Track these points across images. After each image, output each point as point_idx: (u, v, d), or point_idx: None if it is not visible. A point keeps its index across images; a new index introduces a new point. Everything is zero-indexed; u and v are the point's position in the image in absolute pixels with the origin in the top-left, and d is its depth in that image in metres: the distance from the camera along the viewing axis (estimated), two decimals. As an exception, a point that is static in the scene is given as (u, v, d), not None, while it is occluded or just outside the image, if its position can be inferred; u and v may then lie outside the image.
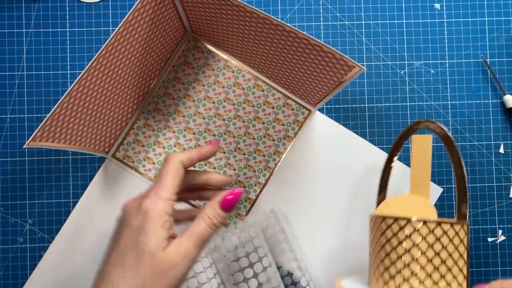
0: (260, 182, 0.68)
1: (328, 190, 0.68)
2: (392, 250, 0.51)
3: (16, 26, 0.68)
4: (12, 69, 0.68)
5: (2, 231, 0.67)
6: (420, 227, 0.50)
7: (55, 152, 0.68)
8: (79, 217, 0.67)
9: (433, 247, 0.50)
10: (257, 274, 0.60)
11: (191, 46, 0.69)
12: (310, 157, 0.69)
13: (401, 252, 0.51)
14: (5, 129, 0.68)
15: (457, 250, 0.51)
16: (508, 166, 0.70)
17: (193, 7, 0.59)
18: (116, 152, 0.68)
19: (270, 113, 0.69)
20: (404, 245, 0.51)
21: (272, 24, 0.52)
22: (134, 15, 0.53)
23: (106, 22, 0.69)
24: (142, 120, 0.69)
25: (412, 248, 0.50)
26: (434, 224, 0.50)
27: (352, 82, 0.70)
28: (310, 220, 0.68)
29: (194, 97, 0.69)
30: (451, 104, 0.70)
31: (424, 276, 0.50)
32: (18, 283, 0.67)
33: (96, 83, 0.55)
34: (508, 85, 0.70)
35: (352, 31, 0.70)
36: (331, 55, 0.52)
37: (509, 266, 0.69)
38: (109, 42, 0.52)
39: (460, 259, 0.51)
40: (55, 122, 0.53)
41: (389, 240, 0.52)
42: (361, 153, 0.69)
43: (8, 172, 0.67)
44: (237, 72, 0.69)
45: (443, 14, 0.70)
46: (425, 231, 0.50)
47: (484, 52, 0.70)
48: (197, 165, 0.68)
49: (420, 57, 0.70)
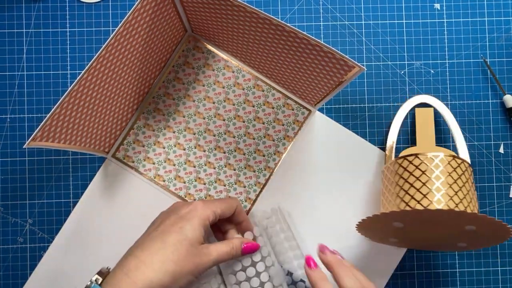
0: (260, 182, 0.68)
1: (328, 190, 0.68)
2: (416, 181, 0.57)
3: (16, 26, 0.68)
4: (12, 69, 0.68)
5: (2, 231, 0.67)
6: (440, 159, 0.58)
7: (55, 152, 0.68)
8: (79, 217, 0.67)
9: (451, 175, 0.57)
10: (259, 273, 0.60)
11: (191, 46, 0.69)
12: (310, 157, 0.69)
13: (425, 180, 0.57)
14: (5, 129, 0.68)
15: (469, 181, 0.58)
16: (508, 166, 0.70)
17: (193, 7, 0.59)
18: (116, 152, 0.68)
19: (270, 113, 0.69)
20: (426, 174, 0.57)
21: (272, 24, 0.52)
22: (134, 15, 0.53)
23: (106, 22, 0.69)
24: (142, 120, 0.69)
25: (434, 176, 0.57)
26: (450, 158, 0.58)
27: (352, 82, 0.70)
28: (310, 219, 0.68)
29: (194, 97, 0.69)
30: (451, 104, 0.70)
31: (448, 197, 0.56)
32: (18, 283, 0.67)
33: (96, 83, 0.55)
34: (508, 85, 0.70)
35: (352, 31, 0.70)
36: (331, 55, 0.52)
37: (509, 266, 0.69)
38: (109, 42, 0.52)
39: (472, 188, 0.58)
40: (55, 122, 0.53)
41: (412, 173, 0.58)
42: (361, 153, 0.69)
43: (8, 172, 0.67)
44: (237, 72, 0.69)
45: (443, 14, 0.70)
46: (444, 162, 0.57)
47: (484, 52, 0.70)
48: (196, 164, 0.68)
49: (420, 57, 0.70)
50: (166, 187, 0.68)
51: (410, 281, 0.68)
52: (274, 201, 0.68)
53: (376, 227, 0.60)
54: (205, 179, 0.68)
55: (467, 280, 0.69)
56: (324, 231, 0.68)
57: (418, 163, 0.58)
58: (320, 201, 0.68)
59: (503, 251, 0.69)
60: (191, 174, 0.68)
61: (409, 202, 0.56)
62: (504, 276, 0.69)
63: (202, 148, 0.68)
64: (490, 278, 0.69)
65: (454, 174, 0.57)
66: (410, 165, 0.59)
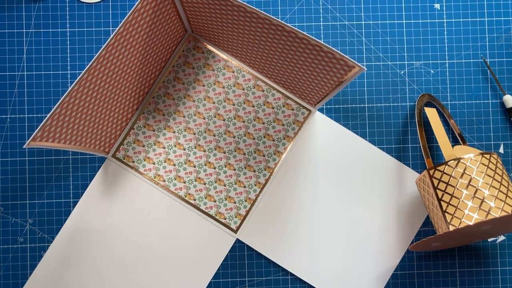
0: (260, 182, 0.68)
1: (328, 189, 0.68)
2: (455, 190, 0.58)
3: (16, 26, 0.68)
4: (12, 69, 0.68)
5: (2, 231, 0.67)
6: (469, 161, 0.59)
7: (55, 152, 0.68)
8: (79, 217, 0.67)
9: (487, 172, 0.58)
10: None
11: (191, 46, 0.69)
12: (310, 157, 0.69)
13: (464, 187, 0.58)
14: (5, 129, 0.68)
15: (504, 173, 0.60)
16: (508, 166, 0.70)
17: (193, 7, 0.59)
18: (116, 152, 0.68)
19: (270, 113, 0.69)
20: (463, 178, 0.58)
21: (272, 24, 0.52)
22: (134, 15, 0.53)
23: (106, 22, 0.69)
24: (142, 120, 0.69)
25: (472, 180, 0.58)
26: (480, 156, 0.59)
27: (352, 82, 0.70)
28: (311, 219, 0.68)
29: (194, 97, 0.69)
30: (451, 104, 0.70)
31: (493, 197, 0.57)
32: (18, 283, 0.67)
33: (96, 83, 0.55)
34: (508, 85, 0.70)
35: (352, 31, 0.70)
36: (331, 55, 0.52)
37: (509, 266, 0.69)
38: (109, 42, 0.52)
39: (505, 175, 0.60)
40: (55, 122, 0.53)
41: (448, 183, 0.59)
42: (361, 153, 0.69)
43: (8, 172, 0.67)
44: (237, 72, 0.69)
45: (443, 14, 0.70)
46: (475, 163, 0.59)
47: (484, 52, 0.70)
48: (196, 164, 0.68)
49: (420, 57, 0.70)
50: (166, 187, 0.68)
51: (410, 281, 0.68)
52: (274, 201, 0.68)
53: (428, 241, 0.60)
54: (205, 179, 0.68)
55: (467, 280, 0.69)
56: (323, 230, 0.68)
57: (450, 171, 0.59)
58: (320, 200, 0.68)
59: (503, 251, 0.69)
60: (191, 174, 0.68)
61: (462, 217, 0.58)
62: (504, 276, 0.69)
63: (202, 148, 0.68)
64: (490, 278, 0.69)
65: (489, 171, 0.58)
66: (445, 175, 0.60)
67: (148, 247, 0.67)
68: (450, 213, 0.58)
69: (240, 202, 0.68)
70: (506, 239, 0.69)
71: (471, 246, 0.69)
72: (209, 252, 0.67)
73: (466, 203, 0.57)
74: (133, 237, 0.68)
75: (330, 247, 0.68)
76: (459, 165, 0.59)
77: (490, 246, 0.69)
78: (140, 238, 0.67)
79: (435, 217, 0.61)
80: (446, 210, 0.59)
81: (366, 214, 0.68)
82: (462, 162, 0.59)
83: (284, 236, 0.68)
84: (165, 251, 0.67)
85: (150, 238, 0.67)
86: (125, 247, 0.68)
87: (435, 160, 0.69)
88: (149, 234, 0.67)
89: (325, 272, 0.67)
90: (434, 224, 0.62)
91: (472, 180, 0.58)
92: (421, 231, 0.68)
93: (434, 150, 0.69)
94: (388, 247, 0.68)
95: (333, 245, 0.68)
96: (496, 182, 0.58)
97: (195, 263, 0.67)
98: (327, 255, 0.68)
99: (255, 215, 0.68)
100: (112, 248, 0.67)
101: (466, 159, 0.59)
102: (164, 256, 0.67)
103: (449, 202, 0.58)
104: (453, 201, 0.58)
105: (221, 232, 0.68)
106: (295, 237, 0.68)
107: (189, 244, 0.67)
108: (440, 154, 0.69)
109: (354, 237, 0.68)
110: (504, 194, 0.58)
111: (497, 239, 0.69)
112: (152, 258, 0.67)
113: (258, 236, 0.68)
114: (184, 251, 0.67)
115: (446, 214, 0.58)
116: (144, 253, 0.67)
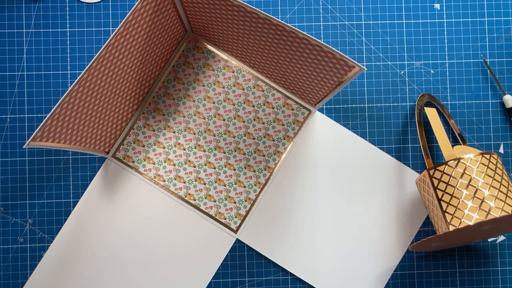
0: (260, 182, 0.68)
1: (328, 189, 0.68)
2: (455, 190, 0.58)
3: (16, 26, 0.68)
4: (12, 69, 0.68)
5: (2, 231, 0.67)
6: (469, 161, 0.59)
7: (55, 152, 0.68)
8: (79, 217, 0.67)
9: (487, 172, 0.58)
10: None
11: (191, 46, 0.69)
12: (310, 157, 0.69)
13: (464, 187, 0.58)
14: (5, 129, 0.68)
15: (504, 173, 0.60)
16: (508, 166, 0.70)
17: (193, 7, 0.59)
18: (116, 152, 0.68)
19: (270, 113, 0.69)
20: (463, 178, 0.58)
21: (272, 24, 0.52)
22: (134, 15, 0.53)
23: (106, 22, 0.69)
24: (142, 120, 0.69)
25: (472, 180, 0.58)
26: (480, 156, 0.59)
27: (352, 82, 0.70)
28: (311, 219, 0.68)
29: (194, 97, 0.69)
30: (451, 104, 0.70)
31: (493, 198, 0.57)
32: (18, 283, 0.67)
33: (96, 83, 0.55)
34: (508, 85, 0.70)
35: (352, 31, 0.70)
36: (331, 55, 0.52)
37: (509, 266, 0.69)
38: (109, 42, 0.52)
39: (505, 175, 0.60)
40: (55, 122, 0.53)
41: (448, 183, 0.59)
42: (361, 153, 0.69)
43: (8, 172, 0.67)
44: (237, 72, 0.69)
45: (443, 14, 0.70)
46: (475, 163, 0.59)
47: (484, 52, 0.70)
48: (196, 164, 0.68)
49: (420, 57, 0.70)
50: (166, 187, 0.68)
51: (410, 281, 0.68)
52: (274, 201, 0.68)
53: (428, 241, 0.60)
54: (205, 179, 0.68)
55: (467, 280, 0.69)
56: (323, 230, 0.68)
57: (450, 171, 0.59)
58: (320, 200, 0.68)
59: (503, 251, 0.69)
60: (191, 174, 0.68)
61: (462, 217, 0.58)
62: (504, 276, 0.69)
63: (202, 148, 0.68)
64: (490, 278, 0.69)
65: (489, 171, 0.58)
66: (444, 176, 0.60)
67: (148, 247, 0.67)
68: (450, 213, 0.58)
69: (240, 202, 0.68)
70: (506, 239, 0.69)
71: (471, 246, 0.69)
72: (209, 252, 0.67)
73: (466, 203, 0.57)
74: (133, 237, 0.68)
75: (330, 247, 0.68)
76: (459, 165, 0.59)
77: (490, 246, 0.69)
78: (140, 238, 0.67)
79: (435, 217, 0.61)
80: (446, 210, 0.59)
81: (366, 214, 0.68)
82: (462, 162, 0.59)
83: (284, 236, 0.68)
84: (165, 251, 0.67)
85: (150, 238, 0.67)
86: (125, 247, 0.68)
87: (435, 160, 0.69)
88: (149, 234, 0.67)
89: (325, 272, 0.67)
90: (434, 224, 0.62)
91: (472, 180, 0.58)
92: (421, 231, 0.68)
93: (434, 150, 0.69)
94: (388, 247, 0.68)
95: (333, 245, 0.68)
96: (496, 182, 0.58)
97: (195, 263, 0.67)
98: (327, 255, 0.68)
99: (255, 215, 0.68)
100: (112, 248, 0.67)
101: (466, 159, 0.59)
102: (164, 256, 0.67)
103: (449, 202, 0.58)
104: (453, 201, 0.58)
105: (221, 232, 0.68)
106: (295, 237, 0.68)
107: (189, 244, 0.67)
108: (440, 154, 0.69)
109: (354, 237, 0.68)
110: (504, 194, 0.58)
111: (497, 239, 0.69)
112: (152, 258, 0.67)
113: (258, 236, 0.68)
114: (184, 251, 0.67)
115: (446, 214, 0.58)
116: (144, 253, 0.67)
